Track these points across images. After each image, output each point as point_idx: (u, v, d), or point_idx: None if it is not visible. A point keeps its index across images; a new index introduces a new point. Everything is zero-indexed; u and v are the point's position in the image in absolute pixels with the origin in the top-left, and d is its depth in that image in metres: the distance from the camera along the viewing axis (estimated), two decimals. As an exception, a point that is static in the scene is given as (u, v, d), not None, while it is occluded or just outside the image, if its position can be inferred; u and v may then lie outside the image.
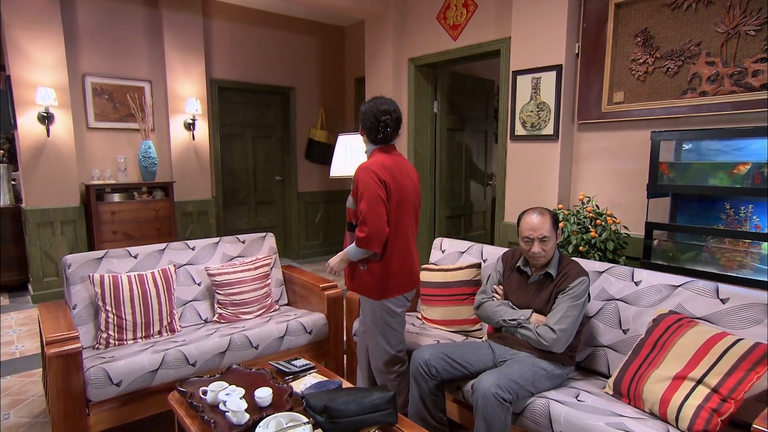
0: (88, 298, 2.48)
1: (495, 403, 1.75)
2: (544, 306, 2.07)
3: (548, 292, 2.06)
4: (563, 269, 2.07)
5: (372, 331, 2.18)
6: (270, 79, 5.72)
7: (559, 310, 1.98)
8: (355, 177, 2.04)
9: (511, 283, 2.20)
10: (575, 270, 2.05)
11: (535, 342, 1.99)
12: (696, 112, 2.59)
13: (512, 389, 1.80)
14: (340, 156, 3.12)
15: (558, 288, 2.04)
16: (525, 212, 2.10)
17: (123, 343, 2.42)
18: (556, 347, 1.96)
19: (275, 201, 6.08)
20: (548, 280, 2.08)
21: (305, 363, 2.05)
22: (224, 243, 2.99)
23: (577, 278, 2.01)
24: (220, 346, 2.36)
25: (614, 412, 1.75)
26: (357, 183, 2.02)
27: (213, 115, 5.28)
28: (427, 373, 2.02)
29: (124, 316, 2.43)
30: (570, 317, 1.96)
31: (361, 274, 2.13)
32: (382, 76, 4.41)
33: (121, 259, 2.62)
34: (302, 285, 3.00)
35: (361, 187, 2.00)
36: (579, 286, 2.00)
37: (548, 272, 2.08)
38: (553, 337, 1.95)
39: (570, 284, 2.00)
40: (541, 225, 2.03)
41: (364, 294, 2.16)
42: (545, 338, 1.96)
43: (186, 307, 2.74)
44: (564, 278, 2.04)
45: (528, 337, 2.02)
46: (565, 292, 2.01)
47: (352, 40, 6.12)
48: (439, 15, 3.96)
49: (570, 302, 1.98)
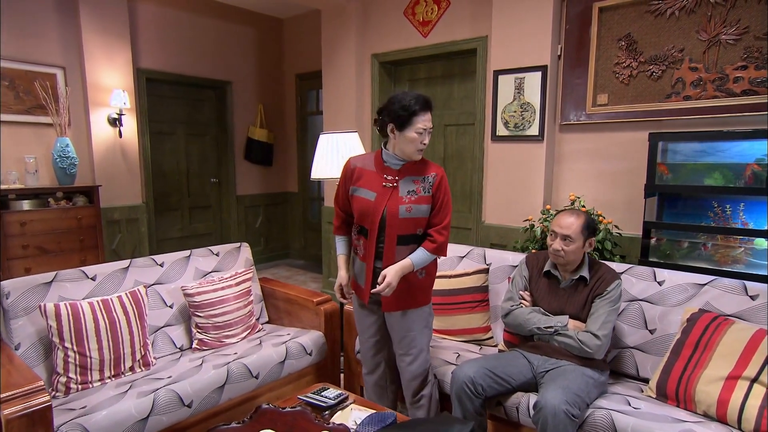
0: (35, 335, 1.98)
1: (566, 420, 1.63)
2: (579, 311, 2.01)
3: (583, 297, 2.01)
4: (597, 273, 2.03)
5: (421, 342, 1.98)
6: (204, 72, 5.19)
7: (600, 315, 1.93)
8: (437, 183, 1.88)
9: (540, 288, 2.12)
10: (610, 273, 2.02)
11: (578, 350, 1.92)
12: (681, 115, 2.70)
13: (578, 403, 1.70)
14: (322, 156, 2.85)
15: (594, 292, 1.99)
16: (563, 210, 2.07)
17: (88, 386, 1.97)
18: (598, 354, 1.90)
19: (211, 205, 5.54)
20: (582, 284, 2.03)
21: (338, 393, 1.79)
22: (196, 257, 2.58)
23: (612, 282, 1.98)
24: (218, 380, 2.00)
25: (674, 418, 1.72)
26: (441, 188, 1.88)
27: (141, 110, 4.65)
28: (473, 392, 1.85)
29: (89, 353, 1.97)
30: (610, 322, 1.94)
31: (417, 284, 1.92)
32: (343, 72, 4.16)
33: (76, 282, 2.13)
34: (287, 300, 2.69)
35: (448, 193, 1.91)
36: (616, 289, 1.97)
37: (582, 276, 2.02)
38: (597, 344, 1.89)
39: (607, 288, 1.97)
40: (569, 225, 1.99)
41: (414, 306, 1.94)
42: (589, 345, 1.89)
43: (158, 334, 2.32)
44: (600, 282, 2.00)
45: (568, 344, 1.95)
46: (602, 296, 1.97)
47: (291, 33, 5.77)
48: (407, 10, 3.81)
49: (609, 306, 1.95)
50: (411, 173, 1.89)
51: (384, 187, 1.87)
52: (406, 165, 1.89)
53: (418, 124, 1.80)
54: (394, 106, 1.82)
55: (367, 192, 1.89)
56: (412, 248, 1.87)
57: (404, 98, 1.81)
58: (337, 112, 4.24)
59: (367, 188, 1.89)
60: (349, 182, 1.95)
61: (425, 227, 1.90)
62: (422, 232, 1.90)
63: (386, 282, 1.78)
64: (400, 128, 1.81)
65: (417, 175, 1.89)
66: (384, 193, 1.86)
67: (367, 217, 1.87)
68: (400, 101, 1.81)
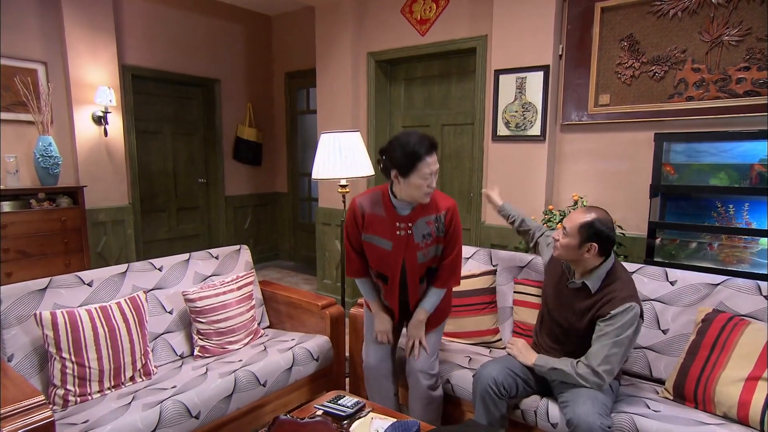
0: (29, 345, 1.87)
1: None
2: (576, 321, 1.81)
3: (585, 311, 1.78)
4: (608, 287, 1.75)
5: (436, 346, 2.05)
6: (192, 69, 5.04)
7: (602, 347, 1.68)
8: (449, 219, 1.86)
9: (553, 274, 1.97)
10: (623, 292, 1.71)
11: (575, 382, 1.74)
12: (683, 116, 2.72)
13: (606, 412, 1.66)
14: (324, 156, 2.78)
15: (598, 312, 1.74)
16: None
17: (87, 398, 1.86)
18: (601, 389, 1.72)
19: (199, 206, 5.40)
20: (585, 293, 1.80)
21: (355, 401, 1.73)
22: (195, 260, 2.49)
23: (621, 304, 1.68)
24: (225, 389, 1.92)
25: (696, 420, 1.71)
26: (453, 223, 1.87)
27: (127, 108, 4.49)
28: (497, 393, 1.80)
29: (87, 364, 1.86)
30: (616, 355, 1.68)
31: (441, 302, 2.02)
32: (338, 71, 4.08)
33: (72, 289, 2.02)
34: (289, 303, 2.61)
35: (459, 226, 1.90)
36: (624, 314, 1.67)
37: (585, 283, 1.79)
38: (596, 382, 1.69)
39: (612, 311, 1.68)
40: (571, 218, 1.80)
41: (442, 320, 2.07)
42: (588, 381, 1.70)
43: (157, 341, 2.22)
44: (606, 301, 1.72)
45: (566, 377, 1.76)
46: (605, 320, 1.70)
47: (280, 30, 5.66)
48: (404, 8, 3.76)
49: (613, 336, 1.67)
50: (423, 214, 1.84)
51: (398, 235, 1.83)
52: (416, 208, 1.84)
53: (424, 170, 1.70)
54: (397, 153, 1.72)
55: (381, 240, 1.85)
56: (431, 276, 1.96)
57: (407, 143, 1.70)
58: (332, 111, 4.16)
59: (380, 236, 1.84)
60: (360, 228, 1.90)
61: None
62: (437, 265, 1.95)
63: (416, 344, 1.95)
64: (405, 175, 1.72)
65: (429, 214, 1.84)
66: (400, 242, 1.83)
67: (388, 268, 1.87)
68: (403, 147, 1.71)
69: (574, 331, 1.83)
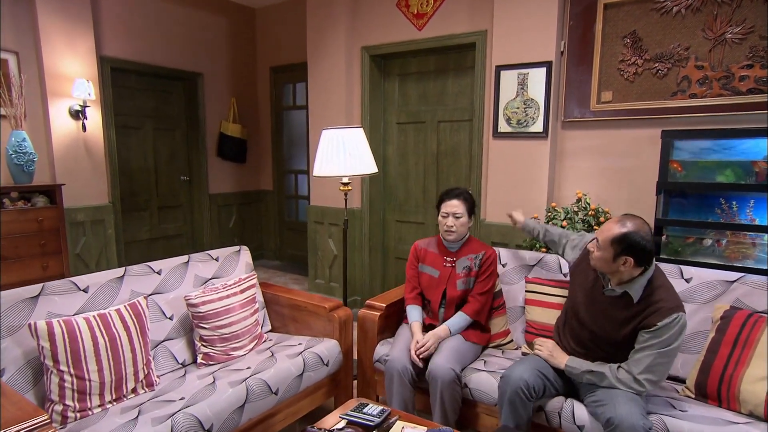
0: (22, 358, 1.72)
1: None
2: (615, 331, 1.74)
3: (625, 318, 1.71)
4: (652, 296, 1.67)
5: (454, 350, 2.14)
6: (173, 62, 4.84)
7: (646, 357, 1.63)
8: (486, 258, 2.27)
9: (582, 278, 1.88)
10: (670, 302, 1.65)
11: (610, 387, 1.70)
12: (687, 113, 2.73)
13: (646, 414, 1.63)
14: (325, 152, 2.68)
15: (642, 323, 1.67)
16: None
17: (87, 413, 1.72)
18: (641, 396, 1.70)
19: (181, 204, 5.19)
20: (627, 302, 1.72)
21: (380, 409, 1.65)
22: (195, 262, 2.36)
23: (669, 315, 1.61)
24: (238, 399, 1.81)
25: (724, 420, 1.70)
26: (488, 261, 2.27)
27: (106, 102, 4.27)
28: (527, 396, 1.74)
29: (87, 376, 1.73)
30: (661, 365, 1.64)
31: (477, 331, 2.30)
32: (331, 65, 3.97)
33: (66, 296, 1.87)
34: (292, 306, 2.51)
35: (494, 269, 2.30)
36: (671, 326, 1.61)
37: (627, 293, 1.71)
38: (637, 389, 1.66)
39: (658, 322, 1.62)
40: (603, 230, 1.72)
41: (471, 341, 2.24)
42: (631, 388, 1.67)
43: (158, 349, 2.08)
44: (652, 311, 1.65)
45: (601, 380, 1.72)
46: (651, 331, 1.64)
47: (265, 24, 5.49)
48: (400, 2, 3.67)
49: (659, 347, 1.62)
50: (466, 253, 2.30)
51: (445, 266, 2.30)
52: (462, 248, 2.30)
53: (442, 209, 2.27)
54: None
55: (431, 269, 2.33)
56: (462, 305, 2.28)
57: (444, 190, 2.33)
58: (325, 107, 4.05)
59: (431, 266, 2.33)
60: (417, 261, 2.39)
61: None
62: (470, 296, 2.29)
63: (425, 345, 2.09)
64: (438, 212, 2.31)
65: (471, 253, 2.29)
66: (445, 271, 2.29)
67: (434, 290, 2.29)
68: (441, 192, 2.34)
69: (608, 339, 1.77)
